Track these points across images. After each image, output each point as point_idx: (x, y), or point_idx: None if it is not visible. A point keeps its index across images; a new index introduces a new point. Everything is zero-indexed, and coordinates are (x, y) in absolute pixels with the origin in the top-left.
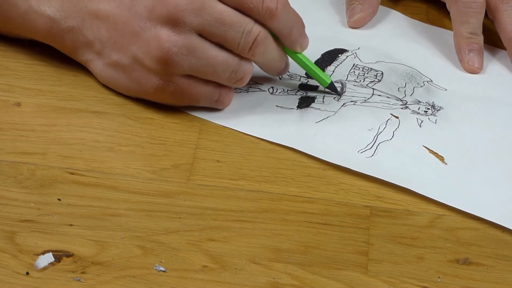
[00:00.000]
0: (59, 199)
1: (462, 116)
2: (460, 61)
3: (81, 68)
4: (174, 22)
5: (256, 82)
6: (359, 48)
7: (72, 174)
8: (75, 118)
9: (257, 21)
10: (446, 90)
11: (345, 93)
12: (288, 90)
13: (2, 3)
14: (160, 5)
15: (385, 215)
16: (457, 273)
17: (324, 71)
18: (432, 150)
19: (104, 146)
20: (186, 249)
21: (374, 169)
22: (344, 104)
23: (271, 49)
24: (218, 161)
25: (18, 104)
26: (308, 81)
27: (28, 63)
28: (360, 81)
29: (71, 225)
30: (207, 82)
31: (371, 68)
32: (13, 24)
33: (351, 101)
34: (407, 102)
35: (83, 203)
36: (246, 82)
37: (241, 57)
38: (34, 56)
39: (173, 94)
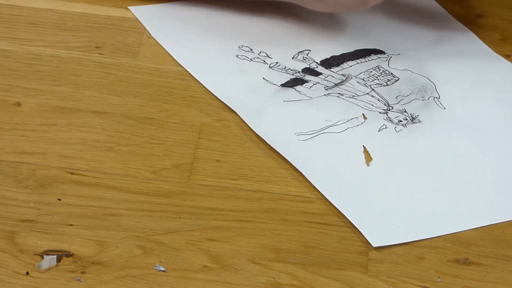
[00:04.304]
0: (59, 199)
1: (432, 135)
2: None
3: (81, 68)
4: None
5: (266, 54)
6: (399, 54)
7: (72, 174)
8: (75, 118)
9: None
10: (444, 109)
11: (340, 86)
12: (288, 69)
13: None
14: None
15: None
16: (457, 273)
17: (343, 63)
18: (367, 150)
19: (104, 146)
20: (186, 249)
21: (294, 152)
22: (328, 94)
23: None
24: (218, 161)
25: (18, 104)
26: (317, 66)
27: (28, 63)
28: (368, 81)
29: (71, 225)
30: None
31: (390, 73)
32: None
33: (338, 93)
34: (391, 109)
35: (83, 203)
36: None
37: None
38: (34, 56)
39: None
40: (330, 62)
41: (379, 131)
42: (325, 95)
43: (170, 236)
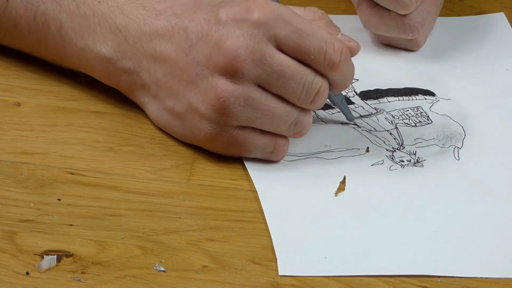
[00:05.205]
0: (59, 199)
1: (421, 181)
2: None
3: None
4: (232, 72)
5: None
6: (449, 99)
7: (72, 174)
8: (75, 118)
9: (316, 71)
10: (458, 160)
11: (364, 119)
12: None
13: (58, 39)
14: (219, 54)
15: None
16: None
17: (383, 98)
18: (345, 181)
19: (104, 146)
20: (186, 249)
21: (262, 172)
22: (346, 123)
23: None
24: (218, 161)
25: (18, 104)
26: (354, 96)
27: (28, 63)
28: (397, 118)
29: (71, 225)
30: (263, 132)
31: (427, 116)
32: (69, 60)
33: (356, 125)
34: (402, 149)
35: (83, 203)
36: (305, 134)
37: (301, 108)
38: (34, 56)
39: (226, 144)
40: (369, 94)
41: (372, 165)
42: (341, 123)
43: (170, 236)
